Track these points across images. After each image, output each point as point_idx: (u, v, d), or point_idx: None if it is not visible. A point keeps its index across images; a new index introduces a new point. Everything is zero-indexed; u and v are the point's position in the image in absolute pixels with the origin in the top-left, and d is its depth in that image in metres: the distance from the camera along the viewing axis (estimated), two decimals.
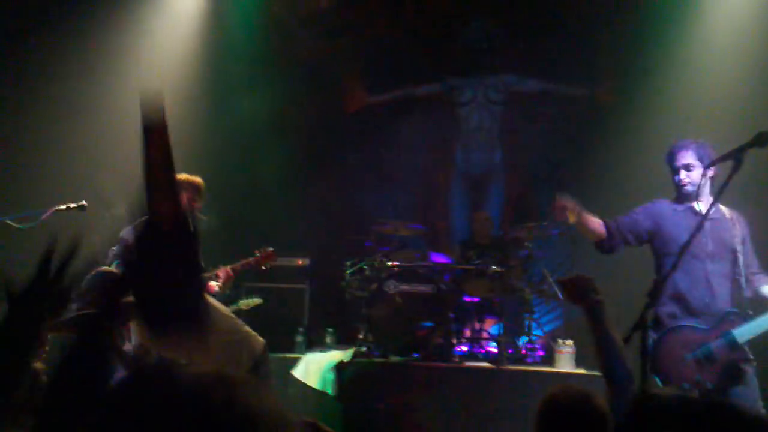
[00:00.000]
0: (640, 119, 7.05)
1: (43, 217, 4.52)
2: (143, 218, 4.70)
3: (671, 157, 4.13)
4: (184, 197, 4.65)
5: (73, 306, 3.84)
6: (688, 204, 4.10)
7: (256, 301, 6.19)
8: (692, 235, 3.01)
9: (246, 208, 7.37)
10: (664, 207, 4.22)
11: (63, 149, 6.99)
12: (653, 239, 4.18)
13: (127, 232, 4.66)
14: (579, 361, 5.87)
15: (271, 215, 7.71)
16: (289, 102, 8.27)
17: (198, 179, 4.81)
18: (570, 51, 8.08)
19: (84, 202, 4.72)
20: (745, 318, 3.89)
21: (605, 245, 4.26)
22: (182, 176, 4.77)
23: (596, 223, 4.22)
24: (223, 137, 7.89)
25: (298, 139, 8.37)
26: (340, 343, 6.58)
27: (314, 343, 6.61)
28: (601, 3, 7.90)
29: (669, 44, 7.12)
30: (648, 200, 4.35)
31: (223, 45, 7.94)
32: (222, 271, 4.87)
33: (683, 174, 4.09)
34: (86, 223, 6.86)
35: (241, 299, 6.16)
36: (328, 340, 6.70)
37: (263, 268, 5.39)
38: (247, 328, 4.11)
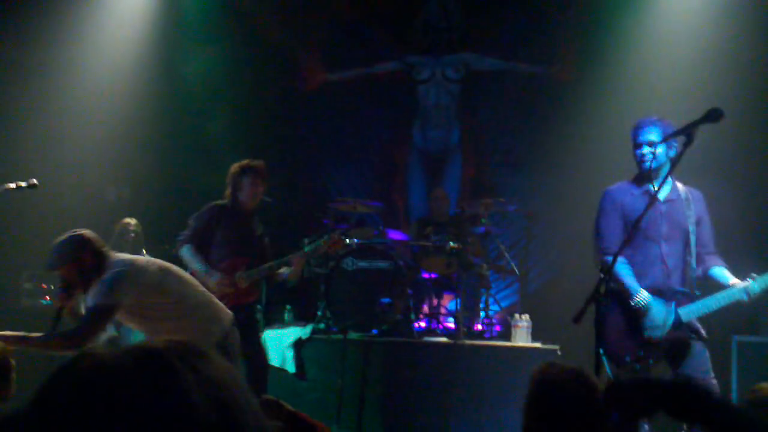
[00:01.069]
0: (597, 97, 7.12)
1: None
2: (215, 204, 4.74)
3: (636, 132, 4.09)
4: (247, 183, 5.01)
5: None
6: (645, 186, 4.13)
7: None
8: (639, 217, 3.05)
9: (201, 185, 7.28)
10: (623, 193, 4.20)
11: (10, 125, 6.81)
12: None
13: (195, 219, 5.03)
14: (535, 336, 5.96)
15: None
16: (245, 79, 8.16)
17: (259, 163, 5.09)
18: (528, 29, 8.11)
19: (35, 181, 4.54)
20: (692, 298, 3.98)
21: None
22: (244, 162, 4.96)
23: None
24: (177, 111, 7.78)
25: (256, 118, 8.27)
26: (299, 320, 6.57)
27: (272, 321, 6.59)
28: None
29: (627, 22, 7.19)
30: (603, 177, 4.37)
31: (177, 22, 7.80)
32: (295, 258, 5.00)
33: (646, 149, 4.04)
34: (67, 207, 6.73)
35: None
36: (287, 317, 6.68)
37: (333, 253, 5.56)
38: (216, 300, 4.08)
